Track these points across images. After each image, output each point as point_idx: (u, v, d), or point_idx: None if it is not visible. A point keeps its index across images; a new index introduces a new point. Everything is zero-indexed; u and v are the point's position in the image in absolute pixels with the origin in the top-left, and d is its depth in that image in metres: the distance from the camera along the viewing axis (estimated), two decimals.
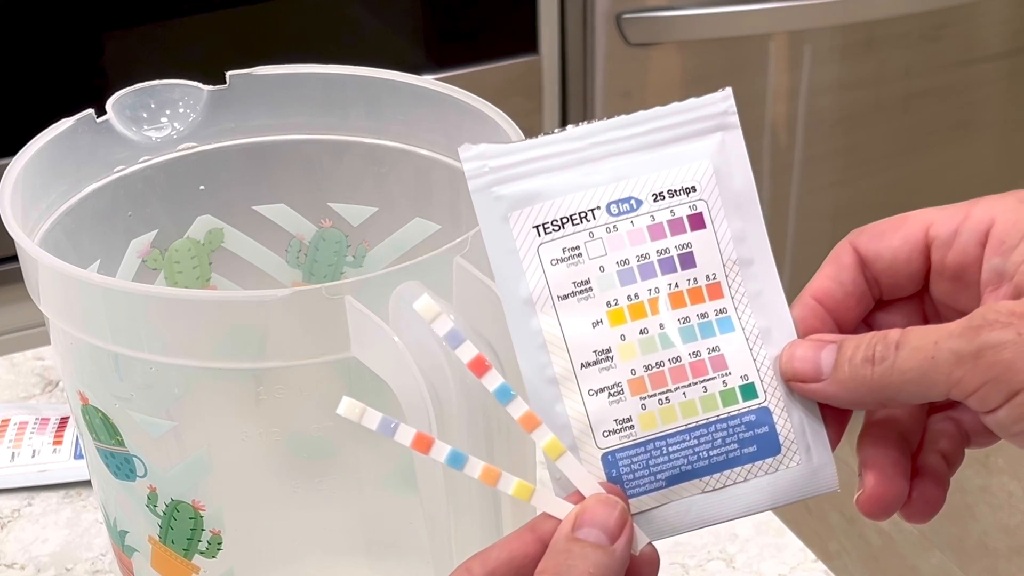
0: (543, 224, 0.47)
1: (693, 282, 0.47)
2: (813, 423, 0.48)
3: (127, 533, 0.62)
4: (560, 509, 0.45)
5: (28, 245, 0.55)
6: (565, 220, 0.47)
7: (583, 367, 0.46)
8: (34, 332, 1.33)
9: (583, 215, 0.47)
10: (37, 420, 0.85)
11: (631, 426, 0.46)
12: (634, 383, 0.46)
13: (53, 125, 0.62)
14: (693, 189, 0.48)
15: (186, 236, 0.68)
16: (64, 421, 0.85)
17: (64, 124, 0.62)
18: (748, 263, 0.48)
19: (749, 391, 0.47)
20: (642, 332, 0.47)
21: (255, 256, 0.69)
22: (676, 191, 0.48)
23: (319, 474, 0.61)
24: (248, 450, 0.60)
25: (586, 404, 0.46)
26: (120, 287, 0.55)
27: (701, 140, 0.48)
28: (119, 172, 0.65)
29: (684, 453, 0.47)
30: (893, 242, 0.49)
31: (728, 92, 0.49)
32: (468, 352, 0.45)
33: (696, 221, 0.48)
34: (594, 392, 0.46)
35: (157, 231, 0.67)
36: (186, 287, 0.68)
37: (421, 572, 0.61)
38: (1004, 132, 1.90)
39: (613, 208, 0.47)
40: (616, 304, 0.47)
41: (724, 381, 0.47)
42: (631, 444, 0.46)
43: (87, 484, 0.81)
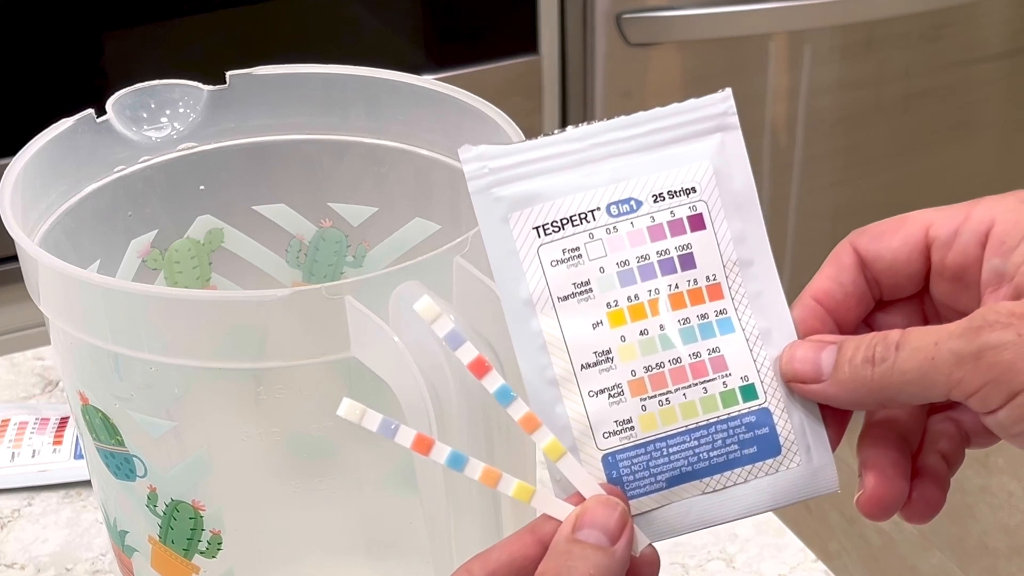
0: (543, 225, 0.47)
1: (693, 283, 0.47)
2: (813, 424, 0.48)
3: (127, 533, 0.62)
4: (560, 510, 0.45)
5: (28, 245, 0.55)
6: (565, 221, 0.47)
7: (583, 368, 0.46)
8: (34, 332, 1.33)
9: (583, 216, 0.47)
10: (37, 420, 0.85)
11: (631, 427, 0.46)
12: (634, 384, 0.46)
13: (53, 125, 0.62)
14: (693, 190, 0.48)
15: (186, 236, 0.68)
16: (64, 421, 0.84)
17: (64, 124, 0.62)
18: (748, 264, 0.48)
19: (749, 392, 0.47)
20: (642, 333, 0.47)
21: (255, 256, 0.69)
22: (676, 192, 0.48)
23: (319, 474, 0.61)
24: (248, 450, 0.60)
25: (586, 405, 0.46)
26: (120, 287, 0.55)
27: (701, 141, 0.48)
28: (119, 172, 0.65)
29: (684, 454, 0.47)
30: (893, 243, 0.49)
31: (728, 93, 0.49)
32: (469, 353, 0.45)
33: (696, 222, 0.48)
34: (594, 393, 0.46)
35: (157, 231, 0.67)
36: (186, 287, 0.68)
37: (421, 572, 0.61)
38: (1004, 132, 1.90)
39: (613, 209, 0.47)
40: (616, 305, 0.47)
41: (724, 382, 0.47)
42: (631, 445, 0.46)
43: (87, 484, 0.81)
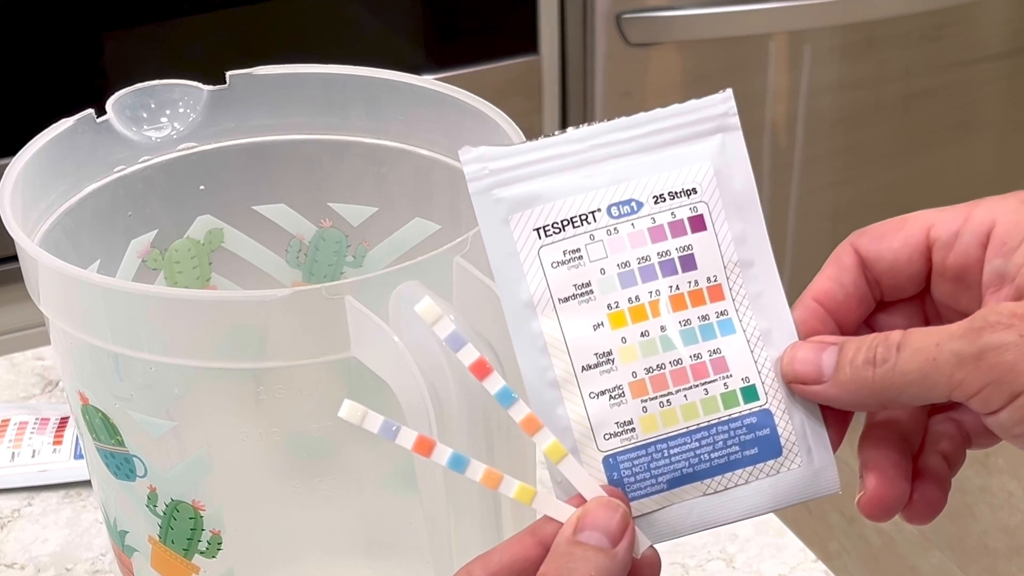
0: (544, 226, 0.47)
1: (694, 284, 0.47)
2: (814, 425, 0.48)
3: (127, 533, 0.62)
4: (562, 512, 0.45)
5: (28, 245, 0.55)
6: (566, 222, 0.47)
7: (584, 370, 0.46)
8: (34, 332, 1.33)
9: (584, 217, 0.47)
10: (37, 420, 0.85)
11: (632, 429, 0.46)
12: (635, 386, 0.46)
13: (53, 125, 0.62)
14: (694, 191, 0.48)
15: (186, 236, 0.68)
16: (64, 421, 0.84)
17: (64, 124, 0.62)
18: (749, 265, 0.48)
19: (750, 393, 0.47)
20: (643, 334, 0.47)
21: (255, 256, 0.69)
22: (677, 193, 0.48)
23: (319, 474, 0.61)
24: (248, 450, 0.60)
25: (587, 407, 0.46)
26: (120, 287, 0.55)
27: (701, 142, 0.48)
28: (119, 172, 0.65)
29: (685, 456, 0.47)
30: (894, 243, 0.49)
31: (728, 93, 0.49)
32: (470, 355, 0.44)
33: (697, 223, 0.48)
34: (595, 395, 0.46)
35: (157, 231, 0.67)
36: (186, 287, 0.68)
37: (421, 572, 0.61)
38: (1004, 132, 1.90)
39: (614, 210, 0.47)
40: (617, 306, 0.47)
41: (725, 383, 0.47)
42: (632, 447, 0.46)
43: (87, 484, 0.81)
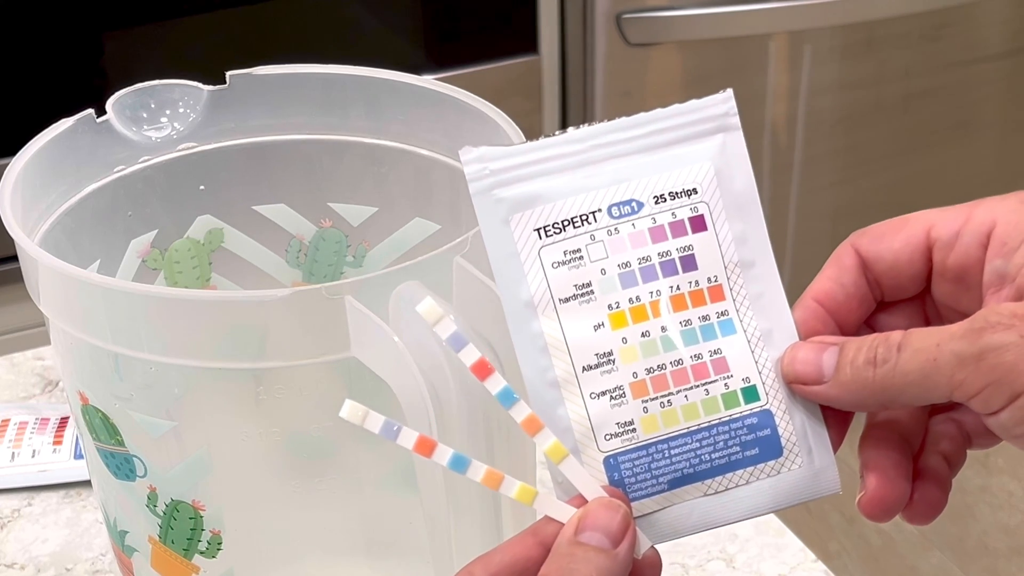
0: (544, 227, 0.47)
1: (695, 284, 0.47)
2: (815, 425, 0.48)
3: (127, 533, 0.62)
4: (563, 513, 0.45)
5: (28, 245, 0.55)
6: (566, 223, 0.47)
7: (585, 370, 0.46)
8: (34, 332, 1.33)
9: (584, 218, 0.47)
10: (37, 420, 0.85)
11: (633, 429, 0.46)
12: (636, 386, 0.46)
13: (53, 125, 0.62)
14: (694, 191, 0.48)
15: (186, 236, 0.68)
16: (64, 421, 0.84)
17: (64, 124, 0.62)
18: (749, 265, 0.48)
19: (751, 393, 0.47)
20: (644, 335, 0.47)
21: (255, 256, 0.69)
22: (677, 193, 0.48)
23: (319, 474, 0.61)
24: (248, 450, 0.60)
25: (588, 407, 0.46)
26: (120, 287, 0.55)
27: (702, 142, 0.48)
28: (119, 172, 0.65)
29: (686, 456, 0.47)
30: (894, 244, 0.49)
31: (729, 94, 0.49)
32: (471, 355, 0.44)
33: (697, 223, 0.48)
34: (596, 395, 0.46)
35: (157, 231, 0.67)
36: (186, 287, 0.68)
37: (421, 572, 0.61)
38: (1004, 132, 1.90)
39: (614, 211, 0.47)
40: (618, 307, 0.47)
41: (726, 384, 0.47)
42: (633, 447, 0.46)
43: (87, 484, 0.81)
